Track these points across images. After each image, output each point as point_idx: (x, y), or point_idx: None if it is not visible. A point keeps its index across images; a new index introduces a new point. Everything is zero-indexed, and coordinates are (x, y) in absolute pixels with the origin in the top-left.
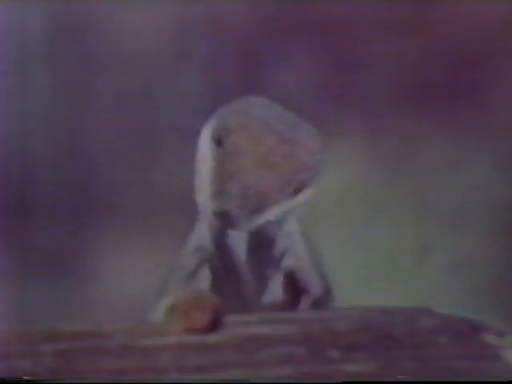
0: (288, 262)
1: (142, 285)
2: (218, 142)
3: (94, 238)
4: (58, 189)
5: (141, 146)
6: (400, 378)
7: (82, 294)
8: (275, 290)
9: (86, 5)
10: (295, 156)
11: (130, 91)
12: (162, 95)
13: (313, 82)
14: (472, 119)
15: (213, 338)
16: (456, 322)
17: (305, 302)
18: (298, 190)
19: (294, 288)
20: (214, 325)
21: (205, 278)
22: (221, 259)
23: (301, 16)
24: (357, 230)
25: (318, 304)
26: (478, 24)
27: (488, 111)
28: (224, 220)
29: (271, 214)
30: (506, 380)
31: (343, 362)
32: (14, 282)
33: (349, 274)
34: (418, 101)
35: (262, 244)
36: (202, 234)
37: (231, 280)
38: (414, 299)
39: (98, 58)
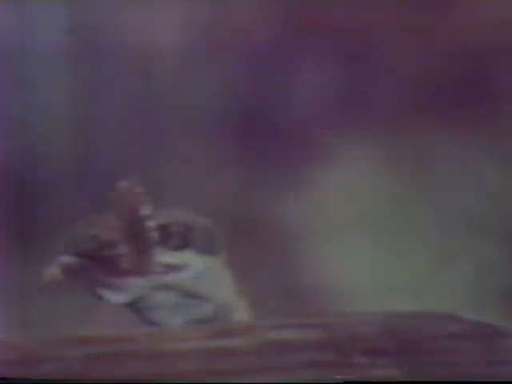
0: None
1: None
2: None
3: None
4: (62, 191)
5: (145, 146)
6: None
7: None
8: None
9: (100, 7)
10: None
11: (142, 92)
12: (173, 96)
13: (327, 84)
14: (489, 123)
15: (238, 342)
16: (481, 327)
17: None
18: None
19: None
20: None
21: None
22: None
23: (315, 19)
24: (379, 237)
25: None
26: (494, 28)
27: (506, 115)
28: None
29: None
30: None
31: (369, 367)
32: (15, 286)
33: (373, 280)
34: (433, 106)
35: None
36: None
37: None
38: (439, 304)
39: (111, 60)
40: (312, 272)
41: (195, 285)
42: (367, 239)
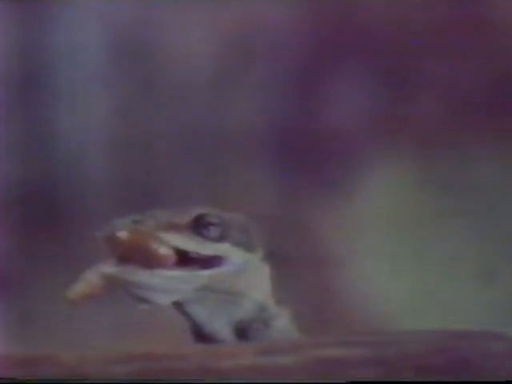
0: None
1: None
2: None
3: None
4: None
5: (186, 157)
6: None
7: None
8: None
9: (141, 27)
10: None
11: (180, 103)
12: (213, 107)
13: (366, 102)
14: None
15: (286, 359)
16: None
17: None
18: None
19: None
20: None
21: None
22: None
23: (354, 36)
24: (413, 251)
25: None
26: None
27: None
28: None
29: None
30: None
31: None
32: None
33: (408, 297)
34: (471, 120)
35: None
36: None
37: None
38: (476, 322)
39: (153, 79)
40: (348, 286)
41: (235, 279)
42: (408, 253)
